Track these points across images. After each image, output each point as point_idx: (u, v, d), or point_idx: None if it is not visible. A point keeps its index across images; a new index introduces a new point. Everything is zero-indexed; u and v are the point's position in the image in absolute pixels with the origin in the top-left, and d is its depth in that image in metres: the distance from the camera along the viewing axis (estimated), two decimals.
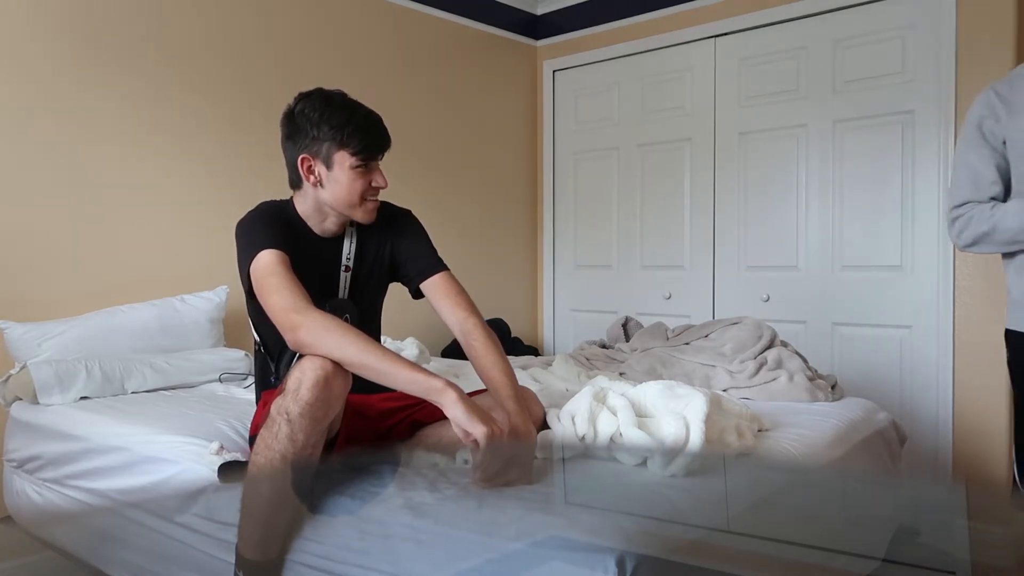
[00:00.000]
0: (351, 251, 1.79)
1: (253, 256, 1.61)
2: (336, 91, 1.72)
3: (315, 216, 1.75)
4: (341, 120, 1.65)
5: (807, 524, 1.20)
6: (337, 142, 1.65)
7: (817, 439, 1.90)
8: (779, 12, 3.36)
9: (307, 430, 1.40)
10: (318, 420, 1.42)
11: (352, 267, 1.79)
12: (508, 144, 4.15)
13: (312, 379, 1.40)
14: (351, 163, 1.67)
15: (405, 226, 1.89)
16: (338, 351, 1.44)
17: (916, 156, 3.06)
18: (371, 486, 1.54)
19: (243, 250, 1.64)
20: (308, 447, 1.42)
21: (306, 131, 1.67)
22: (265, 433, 1.43)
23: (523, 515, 1.30)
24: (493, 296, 4.03)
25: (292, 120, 1.69)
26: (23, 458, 2.20)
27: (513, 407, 1.58)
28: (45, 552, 1.79)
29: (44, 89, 2.53)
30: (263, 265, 1.59)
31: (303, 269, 1.63)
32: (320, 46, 3.28)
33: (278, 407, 1.42)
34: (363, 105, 1.72)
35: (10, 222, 2.47)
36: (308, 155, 1.68)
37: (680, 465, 1.48)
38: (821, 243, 3.31)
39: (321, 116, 1.65)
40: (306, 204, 1.75)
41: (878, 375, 3.15)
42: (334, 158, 1.67)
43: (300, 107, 1.68)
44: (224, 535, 1.54)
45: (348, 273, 1.79)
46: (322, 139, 1.66)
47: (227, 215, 2.89)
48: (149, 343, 2.53)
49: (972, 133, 1.77)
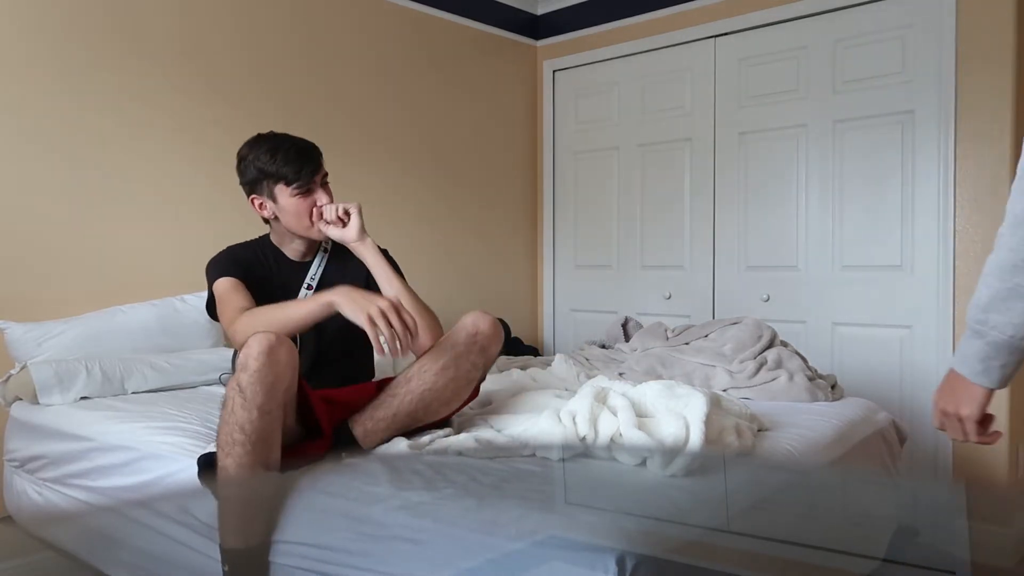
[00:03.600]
0: (317, 272, 2.00)
1: (211, 287, 1.88)
2: (267, 132, 1.94)
3: (286, 242, 2.00)
4: (268, 156, 1.87)
5: (807, 524, 1.21)
6: (272, 177, 1.88)
7: (817, 439, 1.90)
8: (779, 12, 3.36)
9: (259, 397, 1.47)
10: (268, 386, 1.48)
11: (315, 287, 1.97)
12: (508, 144, 4.15)
13: (257, 349, 1.49)
14: (290, 192, 1.88)
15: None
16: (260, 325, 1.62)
17: (916, 156, 3.06)
18: (366, 485, 1.54)
19: (208, 285, 1.90)
20: (264, 415, 1.47)
21: (248, 174, 1.91)
22: (223, 413, 1.50)
23: (523, 515, 1.30)
24: (493, 296, 4.03)
25: (239, 167, 1.95)
26: (23, 458, 2.20)
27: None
28: (45, 552, 1.79)
29: (44, 89, 2.53)
30: (217, 294, 1.85)
31: (268, 290, 1.88)
32: (320, 47, 3.28)
33: (230, 386, 1.50)
34: (291, 136, 1.93)
35: (10, 222, 2.47)
36: (255, 194, 1.93)
37: (680, 465, 1.48)
38: (821, 243, 3.31)
39: (254, 157, 1.89)
40: (276, 234, 2.01)
41: (878, 375, 3.15)
42: (275, 191, 1.89)
43: (242, 153, 1.92)
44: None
45: (310, 291, 1.96)
46: (260, 178, 1.89)
47: (227, 215, 2.90)
48: (149, 343, 2.53)
49: None
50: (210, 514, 1.60)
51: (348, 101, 3.38)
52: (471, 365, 1.79)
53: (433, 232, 3.76)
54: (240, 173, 1.94)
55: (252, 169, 1.89)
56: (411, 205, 3.65)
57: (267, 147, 1.88)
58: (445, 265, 3.79)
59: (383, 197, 3.44)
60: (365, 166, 3.40)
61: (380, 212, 3.18)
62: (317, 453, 1.66)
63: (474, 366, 1.79)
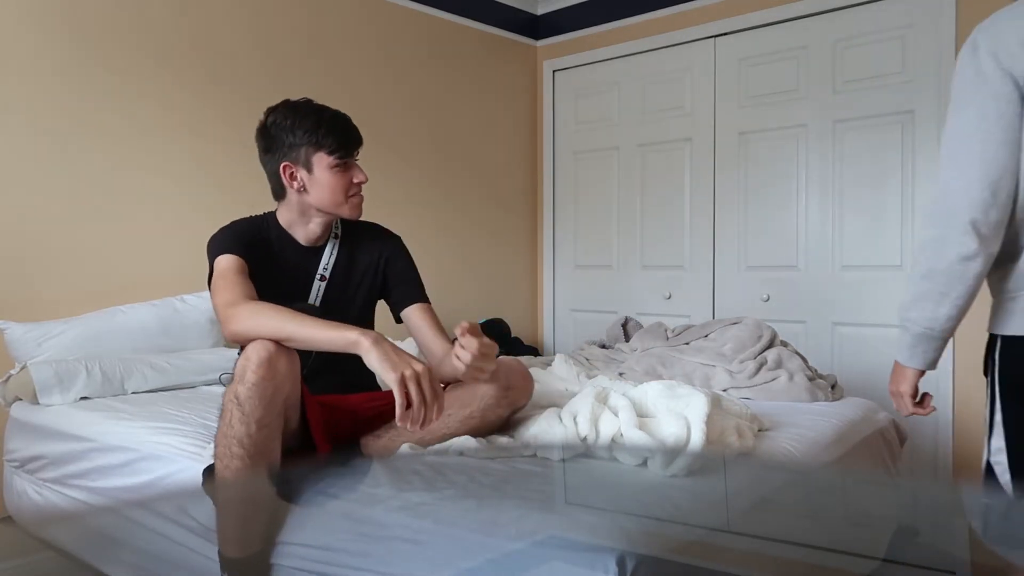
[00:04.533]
0: (329, 262, 1.85)
1: (212, 263, 1.70)
2: (302, 99, 1.79)
3: (299, 222, 1.82)
4: (312, 124, 1.73)
5: (807, 524, 1.20)
6: (313, 145, 1.73)
7: (817, 439, 1.90)
8: (779, 12, 3.36)
9: (257, 411, 1.42)
10: (267, 399, 1.43)
11: (328, 277, 1.84)
12: (508, 144, 4.15)
13: (256, 360, 1.42)
14: (329, 163, 1.75)
15: (398, 251, 1.95)
16: (264, 329, 1.49)
17: (916, 156, 3.06)
18: (366, 486, 1.54)
19: (210, 262, 1.72)
20: (262, 428, 1.43)
21: (281, 140, 1.74)
22: (220, 424, 1.46)
23: (523, 515, 1.30)
24: (493, 296, 4.03)
25: (267, 133, 1.77)
26: (23, 458, 2.20)
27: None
28: (45, 552, 1.78)
29: (43, 89, 2.53)
30: (216, 270, 1.68)
31: (276, 277, 1.73)
32: (319, 46, 3.28)
33: (228, 395, 1.45)
34: (329, 107, 1.80)
35: (10, 222, 2.47)
36: (288, 162, 1.75)
37: (681, 465, 1.48)
38: (821, 243, 3.31)
39: (294, 123, 1.73)
40: (290, 212, 1.82)
41: (878, 375, 3.15)
42: (312, 161, 1.74)
43: (271, 119, 1.76)
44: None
45: (323, 282, 1.84)
46: (298, 145, 1.73)
47: (227, 215, 2.88)
48: (149, 343, 2.53)
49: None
50: (209, 516, 1.60)
51: (348, 100, 3.36)
52: (496, 417, 1.70)
53: (433, 231, 3.75)
54: (270, 138, 1.76)
55: (289, 135, 1.72)
56: (411, 204, 3.65)
57: (311, 114, 1.74)
58: (445, 265, 3.79)
59: (382, 196, 3.44)
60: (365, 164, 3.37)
61: (380, 211, 3.18)
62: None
63: (499, 418, 1.71)
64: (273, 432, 1.47)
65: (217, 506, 1.51)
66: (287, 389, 1.49)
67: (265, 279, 1.70)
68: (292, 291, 1.78)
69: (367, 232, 1.94)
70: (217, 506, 1.51)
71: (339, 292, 1.85)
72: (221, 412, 1.47)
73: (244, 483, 1.47)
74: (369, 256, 1.89)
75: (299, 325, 1.49)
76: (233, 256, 1.68)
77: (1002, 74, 1.29)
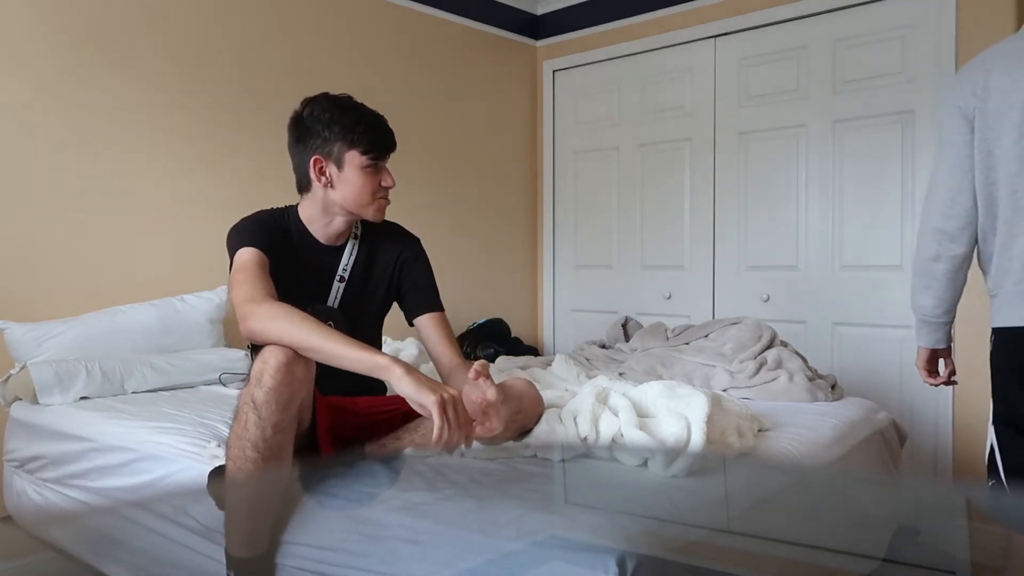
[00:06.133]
0: (349, 262, 1.82)
1: (233, 255, 1.66)
2: (343, 94, 1.75)
3: (320, 219, 1.78)
4: (351, 121, 1.70)
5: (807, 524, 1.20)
6: (348, 142, 1.70)
7: (817, 439, 1.90)
8: (779, 12, 3.36)
9: (274, 416, 1.41)
10: (283, 404, 1.42)
11: (347, 278, 1.81)
12: (508, 144, 4.15)
13: (274, 365, 1.41)
14: (361, 163, 1.71)
15: (416, 254, 1.92)
16: (286, 335, 1.45)
17: (916, 156, 3.06)
18: (367, 487, 1.54)
19: (230, 253, 1.68)
20: (278, 433, 1.43)
21: (316, 133, 1.71)
22: (235, 425, 1.45)
23: (523, 515, 1.30)
24: (493, 296, 4.03)
25: (301, 123, 1.73)
26: (23, 458, 2.20)
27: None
28: (45, 552, 1.79)
29: (45, 89, 2.53)
30: (237, 262, 1.63)
31: (295, 275, 1.70)
32: (321, 46, 3.28)
33: (244, 398, 1.44)
34: (368, 107, 1.76)
35: (10, 222, 2.47)
36: (320, 156, 1.72)
37: (681, 465, 1.48)
38: (821, 243, 3.31)
39: (331, 118, 1.69)
40: (313, 207, 1.78)
41: (878, 375, 3.15)
42: (345, 158, 1.71)
43: (309, 110, 1.72)
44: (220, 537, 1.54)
45: (343, 284, 1.81)
46: (333, 140, 1.70)
47: (228, 215, 2.88)
48: (149, 343, 2.53)
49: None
50: (209, 516, 1.60)
51: None
52: (504, 440, 1.67)
53: (433, 231, 3.74)
54: (304, 129, 1.72)
55: (325, 129, 1.69)
56: (411, 204, 3.65)
57: (350, 111, 1.71)
58: (445, 265, 3.77)
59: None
60: None
61: None
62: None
63: (506, 438, 1.68)
64: (287, 436, 1.47)
65: (226, 506, 1.51)
66: (303, 393, 1.49)
67: (285, 276, 1.66)
68: (311, 290, 1.76)
69: (387, 232, 1.90)
70: (226, 506, 1.51)
71: (357, 294, 1.84)
72: (235, 414, 1.46)
73: (256, 483, 1.47)
74: (387, 257, 1.87)
75: (324, 339, 1.45)
76: (254, 249, 1.64)
77: (958, 112, 1.66)
